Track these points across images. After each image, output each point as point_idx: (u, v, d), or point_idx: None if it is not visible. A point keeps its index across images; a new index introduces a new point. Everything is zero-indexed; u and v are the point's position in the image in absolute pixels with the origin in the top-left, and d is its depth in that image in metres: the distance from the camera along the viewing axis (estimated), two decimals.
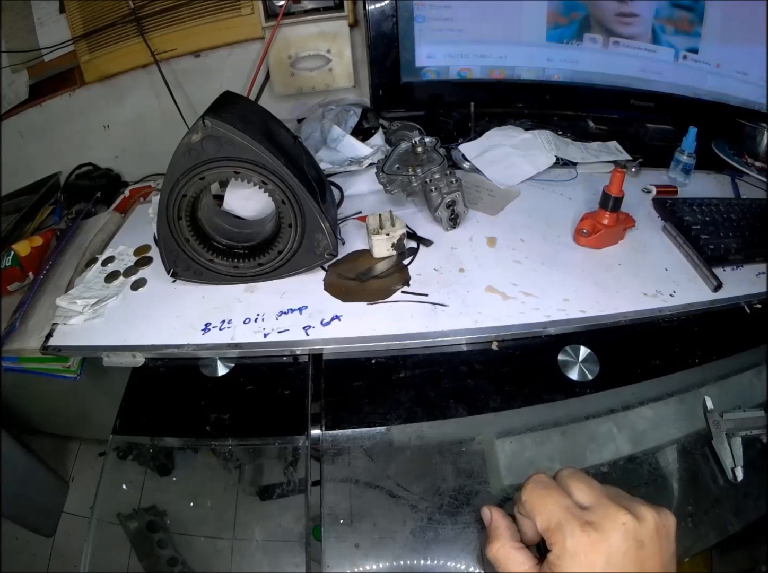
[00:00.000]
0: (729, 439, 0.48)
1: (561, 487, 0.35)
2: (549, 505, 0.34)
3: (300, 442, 0.49)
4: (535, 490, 0.35)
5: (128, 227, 0.75)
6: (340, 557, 0.42)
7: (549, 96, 0.89)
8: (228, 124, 0.52)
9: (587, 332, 0.57)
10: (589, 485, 0.35)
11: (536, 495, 0.35)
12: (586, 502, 0.34)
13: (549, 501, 0.34)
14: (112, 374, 0.57)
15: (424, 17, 0.81)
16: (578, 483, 0.35)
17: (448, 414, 0.50)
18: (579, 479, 0.35)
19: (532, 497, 0.35)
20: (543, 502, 0.34)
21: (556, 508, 0.33)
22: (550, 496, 0.34)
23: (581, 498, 0.34)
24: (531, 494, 0.35)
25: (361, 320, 0.57)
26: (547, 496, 0.34)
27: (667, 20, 0.78)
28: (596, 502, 0.33)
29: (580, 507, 0.33)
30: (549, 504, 0.34)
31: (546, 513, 0.33)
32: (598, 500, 0.33)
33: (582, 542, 0.31)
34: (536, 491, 0.35)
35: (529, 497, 0.35)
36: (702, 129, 0.75)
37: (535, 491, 0.35)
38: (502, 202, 0.74)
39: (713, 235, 0.65)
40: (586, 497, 0.34)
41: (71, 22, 0.90)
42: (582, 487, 0.34)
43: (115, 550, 0.46)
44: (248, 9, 0.91)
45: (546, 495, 0.34)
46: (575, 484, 0.35)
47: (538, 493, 0.35)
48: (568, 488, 0.35)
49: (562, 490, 0.35)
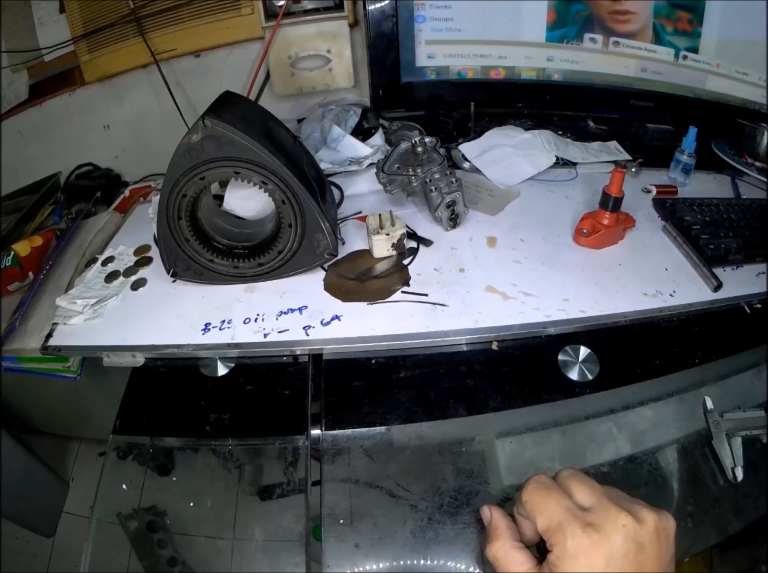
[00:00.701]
0: (729, 439, 0.48)
1: (561, 487, 0.35)
2: (550, 506, 0.33)
3: (300, 442, 0.49)
4: (535, 491, 0.35)
5: (128, 227, 0.75)
6: (340, 557, 0.42)
7: (549, 96, 0.89)
8: (228, 124, 0.52)
9: (587, 332, 0.57)
10: (589, 486, 0.35)
11: (537, 495, 0.35)
12: (586, 503, 0.34)
13: (550, 501, 0.34)
14: (112, 374, 0.57)
15: (424, 17, 0.82)
16: (579, 484, 0.35)
17: (448, 414, 0.50)
18: (579, 480, 0.35)
19: (533, 498, 0.35)
20: (544, 503, 0.34)
21: (557, 508, 0.33)
22: (550, 497, 0.34)
23: (582, 499, 0.34)
24: (531, 495, 0.35)
25: (361, 320, 0.57)
26: (547, 497, 0.34)
27: (667, 20, 0.79)
28: (597, 503, 0.33)
29: (580, 508, 0.33)
30: (550, 505, 0.34)
31: (547, 514, 0.33)
32: (598, 501, 0.33)
33: (583, 543, 0.31)
34: (537, 492, 0.35)
35: (529, 498, 0.35)
36: (702, 129, 0.75)
37: (535, 492, 0.35)
38: (502, 202, 0.74)
39: (713, 235, 0.65)
40: (587, 498, 0.34)
41: (71, 22, 0.90)
42: (583, 488, 0.34)
43: (115, 550, 0.46)
44: (248, 9, 0.91)
45: (547, 495, 0.34)
46: (576, 485, 0.35)
47: (538, 493, 0.35)
48: (568, 489, 0.35)
49: (563, 491, 0.34)
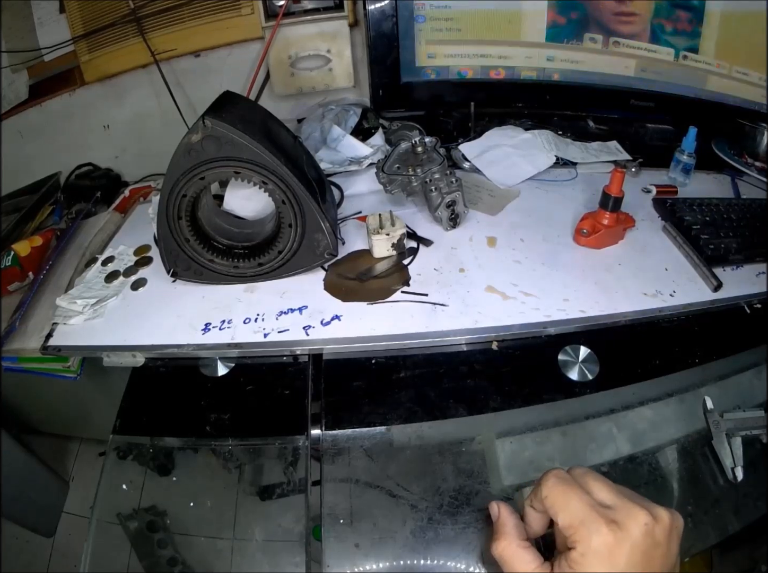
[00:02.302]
0: (729, 439, 0.48)
1: (579, 484, 0.35)
2: (572, 502, 0.33)
3: (300, 442, 0.49)
4: (557, 486, 0.34)
5: (128, 227, 0.75)
6: (340, 557, 0.42)
7: (549, 96, 0.89)
8: (228, 124, 0.52)
9: (587, 332, 0.57)
10: (606, 484, 0.35)
11: (559, 491, 0.34)
12: (607, 500, 0.33)
13: (572, 497, 0.33)
14: (112, 374, 0.57)
15: (424, 17, 0.82)
16: (596, 482, 0.35)
17: (448, 414, 0.50)
18: (596, 478, 0.35)
19: (555, 493, 0.34)
20: (566, 499, 0.34)
21: (579, 505, 0.33)
22: (573, 493, 0.34)
23: (602, 496, 0.34)
24: (553, 490, 0.34)
25: (361, 320, 0.57)
26: (570, 492, 0.34)
27: (667, 20, 0.79)
28: (617, 500, 0.33)
29: (602, 505, 0.33)
30: (572, 501, 0.33)
31: (569, 510, 0.33)
32: (618, 499, 0.33)
33: (608, 540, 0.31)
34: (558, 487, 0.34)
35: (550, 493, 0.34)
36: (702, 129, 0.75)
37: (557, 487, 0.34)
38: (502, 202, 0.74)
39: (713, 235, 0.65)
40: (607, 496, 0.34)
41: (71, 22, 0.90)
42: (600, 486, 0.34)
43: (115, 550, 0.46)
44: (248, 9, 0.91)
45: (569, 491, 0.34)
46: (593, 483, 0.35)
47: (561, 489, 0.34)
48: (586, 486, 0.35)
49: (582, 487, 0.34)
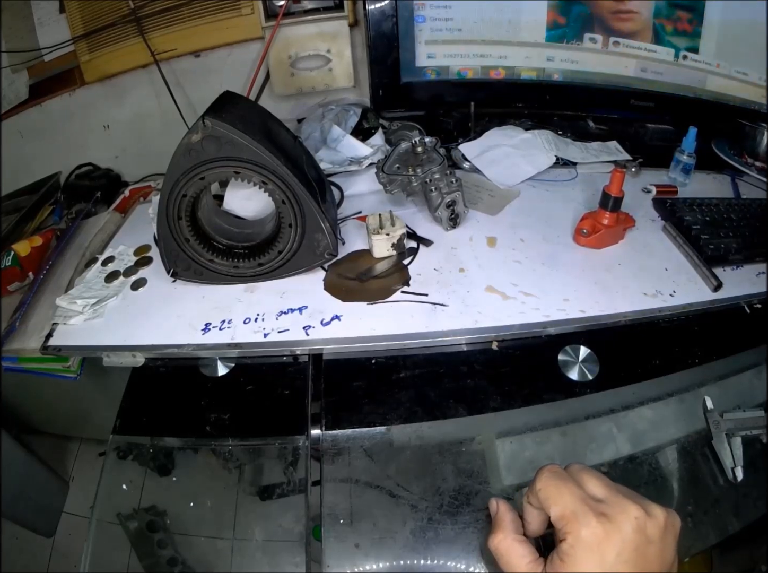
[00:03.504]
0: (729, 439, 0.48)
1: (574, 479, 0.35)
2: (565, 495, 0.34)
3: (300, 442, 0.49)
4: (550, 480, 0.35)
5: (128, 227, 0.75)
6: (340, 557, 0.42)
7: (549, 96, 0.89)
8: (228, 124, 0.52)
9: (587, 332, 0.57)
10: (601, 479, 0.35)
11: (552, 485, 0.35)
12: (599, 494, 0.34)
13: (564, 491, 0.34)
14: (112, 374, 0.57)
15: (424, 17, 0.81)
16: (590, 477, 0.35)
17: (448, 414, 0.50)
18: (591, 473, 0.36)
19: (548, 486, 0.35)
20: (558, 492, 0.34)
21: (571, 498, 0.33)
22: (565, 486, 0.34)
23: (595, 491, 0.34)
24: (546, 483, 0.35)
25: (361, 320, 0.56)
26: (562, 486, 0.34)
27: (667, 20, 0.79)
28: (609, 495, 0.34)
29: (594, 499, 0.33)
30: (565, 494, 0.34)
31: (561, 503, 0.33)
32: (611, 494, 0.34)
33: (597, 533, 0.31)
34: (552, 481, 0.35)
35: (544, 486, 0.35)
36: (702, 129, 0.75)
37: (550, 481, 0.35)
38: (502, 202, 0.74)
39: (713, 235, 0.65)
40: (600, 490, 0.34)
41: (71, 22, 0.90)
42: (595, 481, 0.35)
43: (115, 550, 0.46)
44: (248, 9, 0.91)
45: (562, 485, 0.34)
46: (588, 478, 0.35)
47: (554, 483, 0.35)
48: (581, 481, 0.35)
49: (576, 482, 0.35)
